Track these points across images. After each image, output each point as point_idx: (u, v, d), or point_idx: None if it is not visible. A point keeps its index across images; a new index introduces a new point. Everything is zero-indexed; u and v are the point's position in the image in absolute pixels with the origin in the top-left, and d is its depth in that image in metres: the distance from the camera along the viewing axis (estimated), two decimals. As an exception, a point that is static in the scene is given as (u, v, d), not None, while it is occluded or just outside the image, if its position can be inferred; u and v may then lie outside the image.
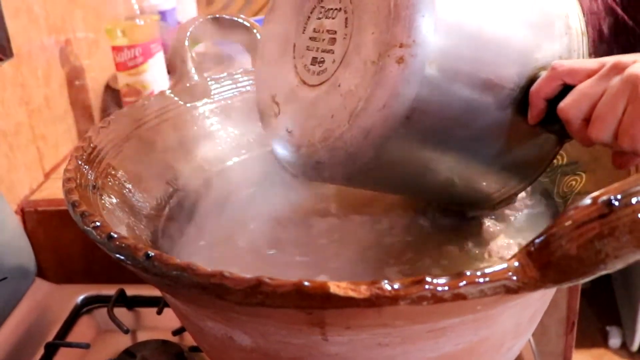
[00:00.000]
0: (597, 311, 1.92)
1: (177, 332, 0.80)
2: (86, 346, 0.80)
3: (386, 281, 0.42)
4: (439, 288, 0.42)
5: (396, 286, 0.41)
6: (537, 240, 0.43)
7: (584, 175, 0.65)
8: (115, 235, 0.50)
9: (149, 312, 0.87)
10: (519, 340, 0.59)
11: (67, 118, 1.22)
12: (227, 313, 0.50)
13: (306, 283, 0.42)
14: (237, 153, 0.80)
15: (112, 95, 1.32)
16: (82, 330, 0.86)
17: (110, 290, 0.89)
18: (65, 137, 1.20)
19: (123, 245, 0.49)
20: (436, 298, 0.42)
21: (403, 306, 0.42)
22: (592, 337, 1.89)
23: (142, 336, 0.84)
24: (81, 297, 0.90)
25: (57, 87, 1.19)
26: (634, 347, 1.83)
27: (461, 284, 0.42)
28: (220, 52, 1.49)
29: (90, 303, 0.90)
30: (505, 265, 0.43)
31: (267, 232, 0.70)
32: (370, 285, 0.42)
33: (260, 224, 0.71)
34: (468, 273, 0.42)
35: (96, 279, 0.95)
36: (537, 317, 0.60)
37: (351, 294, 0.42)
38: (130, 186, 0.66)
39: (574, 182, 0.66)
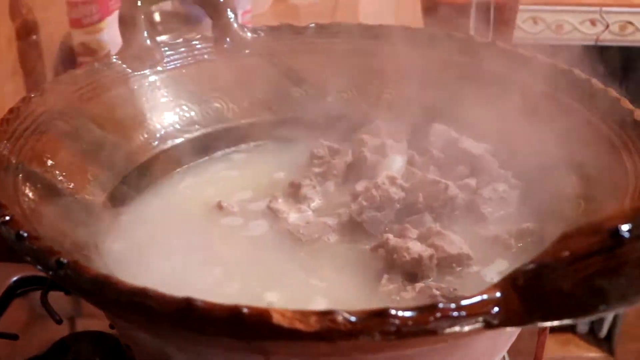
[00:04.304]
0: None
1: (117, 323, 0.73)
2: (14, 337, 0.72)
3: (342, 312, 0.34)
4: (404, 322, 0.35)
5: (353, 319, 0.34)
6: (524, 269, 0.36)
7: (582, 202, 0.58)
8: (25, 235, 0.42)
9: (90, 298, 0.79)
10: (495, 357, 0.53)
11: (16, 77, 1.12)
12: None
13: (245, 310, 0.35)
14: (189, 129, 0.72)
15: (68, 54, 1.23)
16: (13, 316, 0.78)
17: (48, 272, 0.81)
18: (13, 99, 1.10)
19: (34, 247, 0.41)
20: (401, 333, 0.35)
21: (361, 341, 0.35)
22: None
23: (81, 324, 0.76)
24: (15, 278, 0.82)
25: (5, 43, 1.09)
26: (602, 334, 1.79)
27: (431, 318, 0.35)
28: (189, 13, 1.40)
29: (25, 285, 0.82)
30: (485, 296, 0.36)
31: (215, 222, 0.62)
32: (322, 316, 0.34)
33: (210, 212, 0.64)
34: (440, 305, 0.35)
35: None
36: (514, 334, 0.53)
37: (298, 326, 0.34)
38: (60, 171, 0.58)
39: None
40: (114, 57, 0.70)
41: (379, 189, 0.60)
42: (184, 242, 0.59)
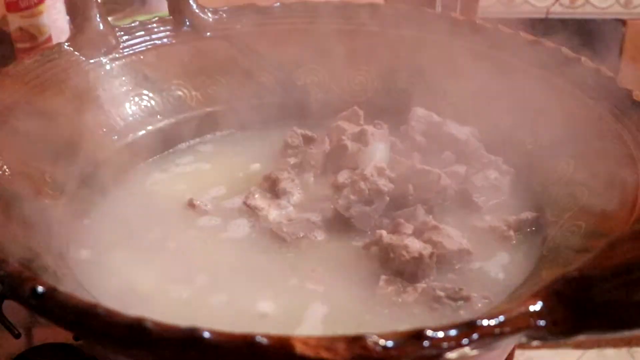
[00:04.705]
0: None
1: (81, 334, 0.67)
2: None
3: (373, 336, 0.30)
4: (444, 344, 0.31)
5: (389, 344, 0.30)
6: (569, 278, 0.32)
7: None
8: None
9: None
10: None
11: (-54, 66, 1.04)
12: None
13: (261, 340, 0.30)
14: (151, 120, 0.67)
15: (4, 40, 1.15)
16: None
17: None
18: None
19: (2, 273, 0.35)
20: (441, 356, 0.31)
21: (394, 366, 0.31)
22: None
23: (40, 335, 0.70)
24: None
25: None
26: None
27: (474, 336, 0.31)
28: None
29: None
30: (526, 308, 0.32)
31: (190, 223, 0.57)
32: (351, 342, 0.30)
33: (184, 212, 0.58)
34: (479, 322, 0.31)
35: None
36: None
37: (324, 355, 0.30)
38: (15, 174, 0.52)
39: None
40: (66, 43, 0.64)
41: (367, 181, 0.55)
42: (159, 248, 0.54)
